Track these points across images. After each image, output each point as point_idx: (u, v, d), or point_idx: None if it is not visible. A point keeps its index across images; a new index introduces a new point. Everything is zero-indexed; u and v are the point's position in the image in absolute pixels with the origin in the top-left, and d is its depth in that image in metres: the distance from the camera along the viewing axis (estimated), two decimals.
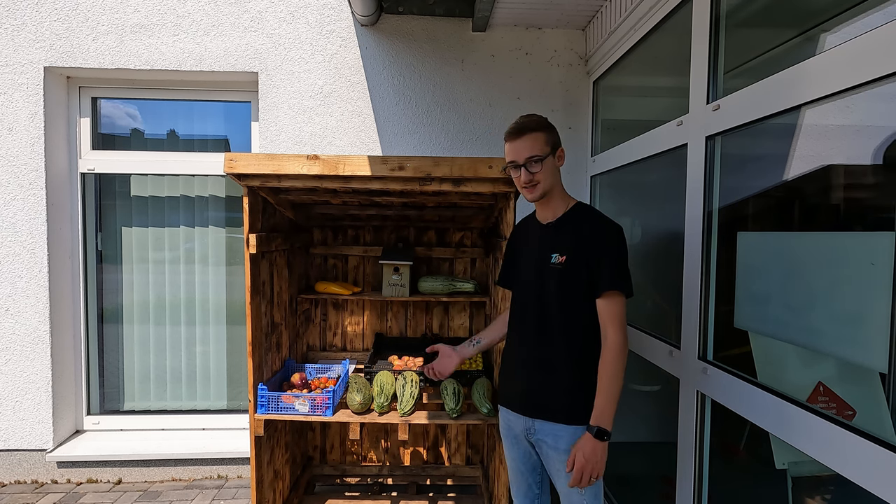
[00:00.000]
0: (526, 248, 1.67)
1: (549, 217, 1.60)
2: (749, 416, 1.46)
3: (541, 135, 1.52)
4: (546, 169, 1.52)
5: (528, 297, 1.59)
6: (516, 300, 1.67)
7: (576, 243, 1.51)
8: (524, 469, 1.68)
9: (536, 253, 1.59)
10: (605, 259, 1.46)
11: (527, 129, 1.52)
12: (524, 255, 1.67)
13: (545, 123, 1.54)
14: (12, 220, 2.75)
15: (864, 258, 1.17)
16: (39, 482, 2.86)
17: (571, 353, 1.51)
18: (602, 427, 1.41)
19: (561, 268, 1.51)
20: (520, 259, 1.69)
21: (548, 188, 1.54)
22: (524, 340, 1.60)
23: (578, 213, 1.57)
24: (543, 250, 1.57)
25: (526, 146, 1.51)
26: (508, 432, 1.69)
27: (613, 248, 1.48)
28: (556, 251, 1.53)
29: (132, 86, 2.95)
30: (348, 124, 2.83)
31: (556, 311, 1.52)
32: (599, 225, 1.52)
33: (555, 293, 1.52)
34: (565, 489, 1.54)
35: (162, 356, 3.09)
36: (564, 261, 1.51)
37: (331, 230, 2.79)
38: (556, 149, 1.55)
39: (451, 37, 2.85)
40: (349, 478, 2.78)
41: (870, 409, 1.23)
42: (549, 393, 1.53)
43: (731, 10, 1.67)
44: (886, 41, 1.05)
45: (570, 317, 1.51)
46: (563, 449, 1.50)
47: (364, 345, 2.84)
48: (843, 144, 1.34)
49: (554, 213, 1.59)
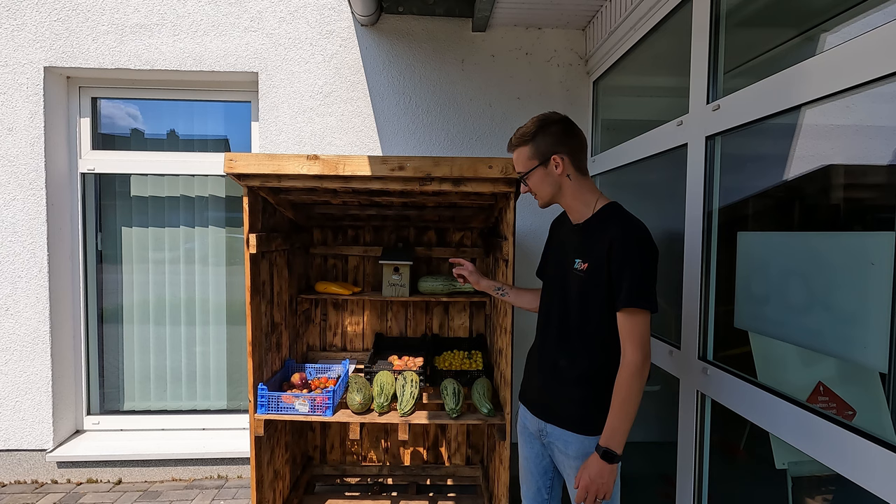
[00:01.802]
0: (557, 246, 1.62)
1: (576, 219, 1.52)
2: (749, 416, 1.46)
3: (524, 149, 1.48)
4: (537, 180, 1.48)
5: (552, 299, 1.56)
6: (543, 298, 1.63)
7: (598, 251, 1.39)
8: (535, 470, 1.65)
9: (563, 254, 1.54)
10: (626, 271, 1.34)
11: (512, 146, 1.52)
12: (554, 252, 1.63)
13: (529, 135, 1.47)
14: (12, 220, 2.75)
15: (864, 258, 1.17)
16: (39, 482, 2.86)
17: (587, 364, 1.44)
18: (610, 449, 1.33)
19: (582, 276, 1.43)
20: (550, 255, 1.66)
21: (548, 197, 1.50)
22: (545, 342, 1.57)
23: (605, 216, 1.44)
24: (569, 253, 1.51)
25: (516, 162, 1.53)
26: (524, 430, 1.67)
27: (636, 258, 1.35)
28: (579, 256, 1.45)
29: (132, 86, 2.95)
30: (348, 124, 2.83)
31: (575, 320, 1.46)
32: (624, 232, 1.37)
33: (575, 301, 1.46)
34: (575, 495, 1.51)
35: (162, 356, 3.09)
36: (586, 268, 1.42)
37: (331, 230, 2.79)
38: (547, 157, 1.45)
39: (451, 37, 2.85)
40: (349, 478, 2.78)
41: (870, 409, 1.23)
42: (561, 400, 1.49)
43: (731, 10, 1.67)
44: (886, 41, 1.05)
45: (588, 327, 1.44)
46: (573, 455, 1.47)
47: (364, 345, 2.84)
48: (843, 144, 1.34)
49: (578, 215, 1.50)
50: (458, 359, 2.52)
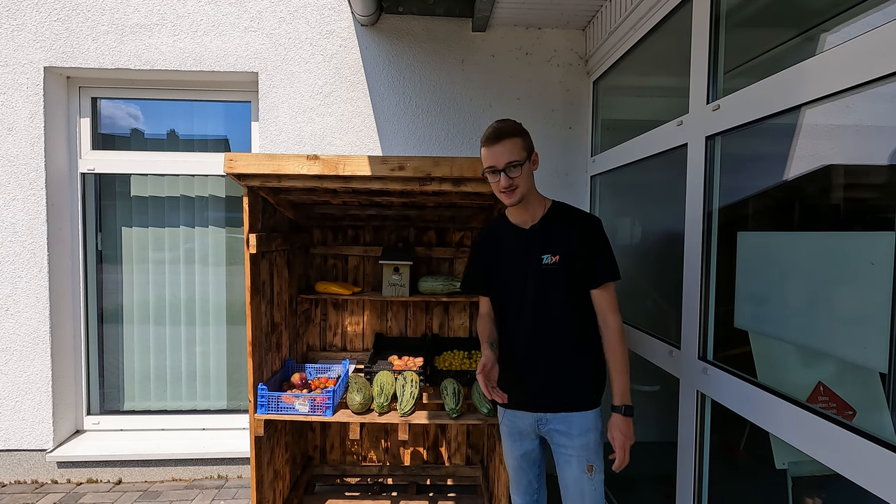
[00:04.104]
0: (507, 254, 1.67)
1: (528, 220, 1.64)
2: (749, 416, 1.46)
3: (518, 140, 1.54)
4: (524, 173, 1.55)
5: (522, 301, 1.62)
6: (506, 305, 1.68)
7: (567, 242, 1.58)
8: (525, 466, 1.73)
9: (522, 257, 1.62)
10: (600, 253, 1.58)
11: (505, 135, 1.53)
12: (506, 260, 1.67)
13: (521, 129, 1.57)
14: (12, 220, 2.75)
15: (864, 258, 1.17)
16: (39, 482, 2.86)
17: (575, 345, 1.60)
18: (628, 405, 1.54)
19: (555, 267, 1.57)
20: (501, 265, 1.69)
21: (525, 192, 1.57)
22: (524, 342, 1.62)
23: (559, 212, 1.64)
24: (531, 253, 1.61)
25: (505, 151, 1.52)
26: (512, 430, 1.72)
27: (603, 241, 1.60)
28: (546, 252, 1.58)
29: (132, 86, 2.95)
30: (348, 124, 2.83)
31: (555, 309, 1.59)
32: (587, 222, 1.61)
33: (551, 292, 1.58)
34: (574, 477, 1.59)
35: (162, 356, 3.09)
36: (558, 260, 1.57)
37: (331, 230, 2.79)
38: (531, 153, 1.58)
39: (451, 37, 2.84)
40: (349, 478, 2.78)
41: (870, 409, 1.22)
42: (560, 386, 1.61)
43: (731, 10, 1.67)
44: (886, 41, 1.05)
45: (568, 312, 1.59)
46: (577, 433, 1.58)
47: (364, 345, 2.84)
48: (843, 144, 1.34)
49: (533, 216, 1.64)
50: (458, 359, 2.52)
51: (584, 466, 1.58)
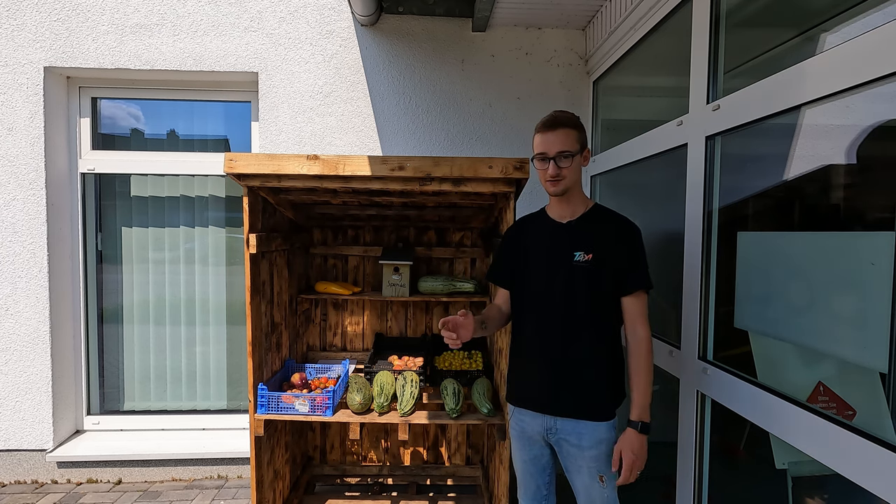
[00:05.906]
0: (539, 246, 1.63)
1: (567, 215, 1.61)
2: (749, 416, 1.46)
3: (574, 132, 1.53)
4: (574, 166, 1.53)
5: (549, 296, 1.57)
6: (530, 299, 1.62)
7: (601, 242, 1.53)
8: (534, 471, 1.67)
9: (555, 251, 1.58)
10: (635, 259, 1.51)
11: (562, 124, 1.53)
12: (535, 252, 1.63)
13: (579, 122, 1.56)
14: (12, 220, 2.75)
15: (864, 258, 1.17)
16: (39, 482, 2.86)
17: (599, 350, 1.53)
18: (645, 422, 1.46)
19: (587, 265, 1.52)
20: (529, 257, 1.65)
21: (571, 185, 1.55)
22: (546, 339, 1.57)
23: (600, 213, 1.61)
24: (564, 248, 1.56)
25: (559, 140, 1.51)
26: (521, 434, 1.66)
27: (640, 249, 1.54)
28: (580, 249, 1.54)
29: (132, 86, 2.95)
30: (348, 124, 2.83)
31: (582, 309, 1.53)
32: (626, 226, 1.56)
33: (581, 291, 1.53)
34: (585, 486, 1.54)
35: (162, 356, 3.09)
36: (591, 258, 1.52)
37: (331, 230, 2.79)
38: (584, 149, 1.57)
39: (451, 37, 2.84)
40: (349, 478, 2.78)
41: (870, 409, 1.22)
42: (576, 390, 1.53)
43: (731, 10, 1.67)
44: (886, 41, 1.05)
45: (596, 314, 1.53)
46: (587, 445, 1.51)
47: (364, 345, 2.84)
48: (843, 144, 1.34)
49: (573, 211, 1.60)
50: (458, 359, 2.52)
51: (596, 476, 1.52)
